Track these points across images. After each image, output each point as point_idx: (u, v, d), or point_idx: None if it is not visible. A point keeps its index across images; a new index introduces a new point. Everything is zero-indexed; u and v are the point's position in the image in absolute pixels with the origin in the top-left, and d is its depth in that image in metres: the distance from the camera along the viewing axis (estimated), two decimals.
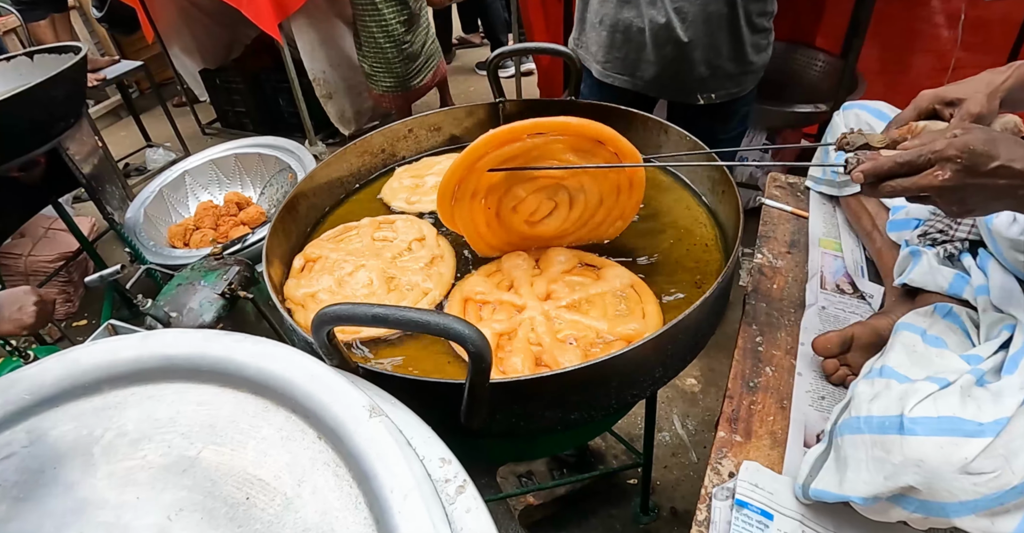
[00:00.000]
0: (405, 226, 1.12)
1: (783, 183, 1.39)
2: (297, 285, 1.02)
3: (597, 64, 1.70)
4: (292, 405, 0.64)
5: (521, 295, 0.93)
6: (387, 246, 1.09)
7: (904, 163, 0.70)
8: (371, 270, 1.03)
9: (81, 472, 0.63)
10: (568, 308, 0.91)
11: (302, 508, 0.57)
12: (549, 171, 0.94)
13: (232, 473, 0.61)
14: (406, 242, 1.09)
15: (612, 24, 1.60)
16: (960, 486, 0.64)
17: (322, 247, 1.09)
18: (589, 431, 1.22)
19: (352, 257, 1.06)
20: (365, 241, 1.10)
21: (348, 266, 1.04)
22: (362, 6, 2.92)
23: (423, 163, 1.31)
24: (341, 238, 1.13)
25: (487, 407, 0.68)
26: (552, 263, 0.98)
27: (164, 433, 0.65)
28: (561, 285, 0.95)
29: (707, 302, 0.80)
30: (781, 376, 0.95)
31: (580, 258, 1.00)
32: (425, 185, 1.23)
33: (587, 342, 0.86)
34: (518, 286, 0.95)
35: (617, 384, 0.77)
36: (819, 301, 1.08)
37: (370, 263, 1.04)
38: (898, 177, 0.71)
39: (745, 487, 0.78)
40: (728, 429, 0.87)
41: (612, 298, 0.92)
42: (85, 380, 0.68)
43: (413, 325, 0.59)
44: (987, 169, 0.67)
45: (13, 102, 1.76)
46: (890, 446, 0.66)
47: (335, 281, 1.02)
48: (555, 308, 0.91)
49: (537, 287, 0.94)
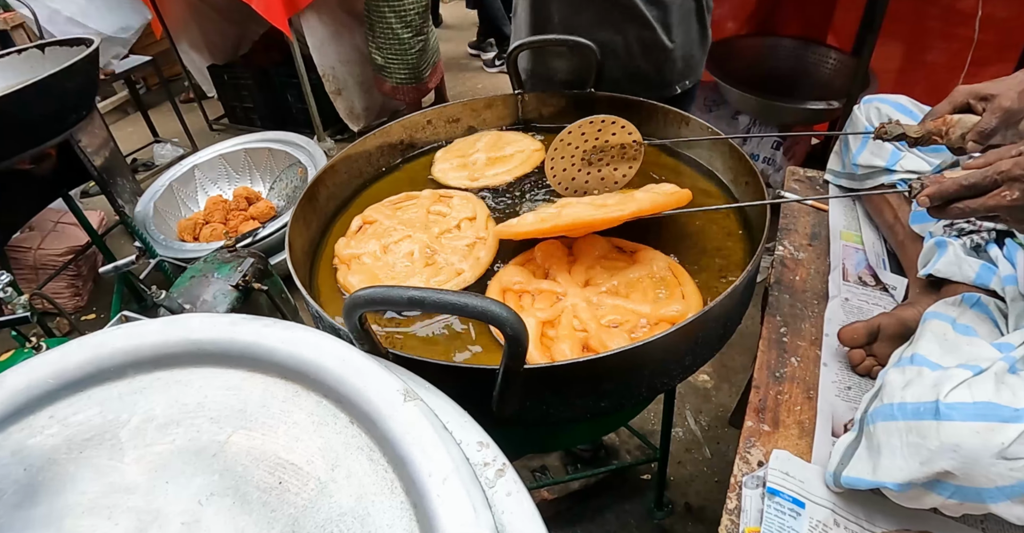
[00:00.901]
0: (460, 204, 1.14)
1: (802, 177, 1.39)
2: (346, 244, 1.07)
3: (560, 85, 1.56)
4: (323, 390, 0.63)
5: (560, 283, 0.93)
6: (438, 221, 1.11)
7: (970, 185, 0.70)
8: (416, 242, 1.06)
9: (108, 457, 0.62)
10: (609, 293, 0.91)
11: (336, 492, 0.57)
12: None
13: (264, 458, 0.60)
14: (456, 220, 1.10)
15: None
16: (997, 471, 0.63)
17: (380, 211, 1.13)
18: (611, 423, 1.21)
19: (403, 226, 1.09)
20: (420, 212, 1.13)
21: (396, 234, 1.08)
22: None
23: (458, 146, 1.32)
24: (399, 206, 1.16)
25: (520, 394, 0.68)
26: (586, 249, 0.98)
27: (193, 418, 0.64)
28: (599, 271, 0.95)
29: (736, 290, 0.79)
30: (807, 366, 0.94)
31: (612, 243, 1.00)
32: (477, 163, 1.25)
33: (632, 326, 0.86)
34: (555, 274, 0.95)
35: (650, 371, 0.76)
36: (842, 292, 1.07)
37: (416, 235, 1.07)
38: (965, 199, 0.71)
39: (776, 475, 0.77)
40: (756, 418, 0.86)
41: (651, 281, 0.92)
42: (110, 364, 0.67)
43: (450, 308, 0.59)
44: None
45: (26, 93, 1.76)
46: (926, 432, 0.65)
47: (380, 247, 1.06)
48: (596, 294, 0.91)
49: (576, 274, 0.94)
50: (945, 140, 0.88)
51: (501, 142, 1.29)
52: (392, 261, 1.03)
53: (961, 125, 0.86)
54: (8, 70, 2.26)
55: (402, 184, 1.24)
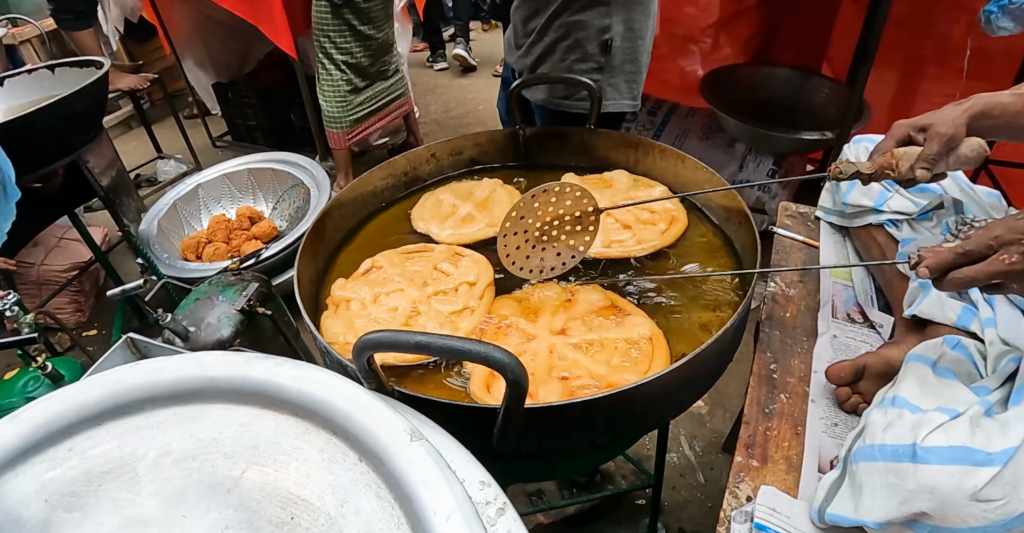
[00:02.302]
0: (467, 266, 1.12)
1: (794, 212, 1.43)
2: (342, 286, 1.08)
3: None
4: (333, 428, 0.66)
5: (537, 325, 0.97)
6: (440, 279, 1.10)
7: (966, 253, 0.72)
8: (405, 298, 1.06)
9: (126, 489, 0.65)
10: (575, 347, 0.94)
11: (346, 528, 0.59)
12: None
13: (276, 493, 0.63)
14: (456, 282, 1.08)
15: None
16: (971, 513, 0.66)
17: (389, 259, 1.14)
18: (607, 454, 1.24)
19: (401, 279, 1.10)
20: (427, 267, 1.12)
21: (391, 286, 1.09)
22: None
23: (452, 189, 1.34)
24: (411, 256, 1.16)
25: (519, 431, 0.71)
26: (582, 299, 1.01)
27: (208, 453, 0.67)
28: (580, 323, 0.97)
29: (727, 333, 0.83)
30: (795, 403, 0.98)
31: (612, 300, 1.02)
32: (460, 214, 1.26)
33: (581, 384, 0.88)
34: (540, 315, 0.98)
35: (642, 410, 0.80)
36: (831, 330, 1.11)
37: (409, 291, 1.07)
38: (963, 266, 0.72)
39: (763, 511, 0.81)
40: (745, 454, 0.90)
41: (625, 345, 0.93)
42: (128, 399, 0.70)
43: (455, 352, 0.62)
44: None
45: (39, 115, 1.80)
46: (904, 474, 0.69)
47: (372, 296, 1.07)
48: (564, 344, 0.94)
49: (556, 321, 0.97)
50: (896, 173, 0.93)
51: (463, 192, 1.31)
52: (375, 314, 1.03)
53: (907, 157, 0.91)
54: (18, 89, 2.30)
55: (402, 219, 1.28)
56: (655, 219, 1.16)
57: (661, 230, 1.14)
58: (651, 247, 1.13)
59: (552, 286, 1.04)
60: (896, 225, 1.19)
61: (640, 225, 1.17)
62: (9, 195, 1.25)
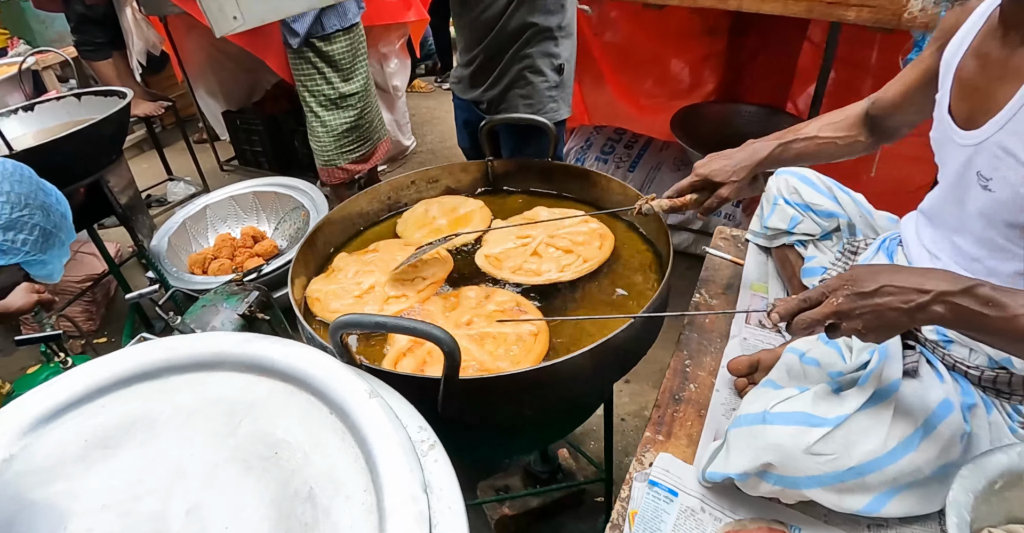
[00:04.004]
0: (430, 264, 1.35)
1: (727, 235, 1.63)
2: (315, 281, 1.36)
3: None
4: (311, 390, 0.85)
5: (448, 317, 1.18)
6: (405, 271, 1.33)
7: (805, 299, 0.86)
8: (369, 279, 1.32)
9: (147, 435, 0.84)
10: (472, 338, 1.13)
11: (317, 461, 0.78)
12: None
13: (264, 438, 0.82)
14: (426, 281, 1.31)
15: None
16: (806, 465, 0.85)
17: (344, 260, 1.37)
18: (550, 434, 1.42)
19: (371, 266, 1.34)
20: (383, 258, 1.37)
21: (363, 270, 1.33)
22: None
23: (439, 202, 1.58)
24: (366, 253, 1.41)
25: (459, 398, 0.90)
26: (492, 301, 1.22)
27: (213, 409, 0.86)
28: (485, 318, 1.17)
29: (635, 324, 1.02)
30: (703, 392, 1.17)
31: (518, 302, 1.22)
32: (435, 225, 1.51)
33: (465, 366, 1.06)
34: (457, 309, 1.20)
35: (561, 387, 0.99)
36: (742, 333, 1.31)
37: (377, 276, 1.32)
38: (805, 311, 0.86)
39: (658, 472, 0.99)
40: (654, 430, 1.09)
41: (514, 337, 1.12)
42: (151, 368, 0.90)
43: (404, 330, 0.82)
44: (871, 289, 0.81)
45: (69, 139, 2.02)
46: (757, 434, 0.88)
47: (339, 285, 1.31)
48: (462, 334, 1.13)
49: (465, 314, 1.18)
50: (684, 213, 1.19)
51: (449, 206, 1.54)
52: (348, 284, 1.28)
53: (694, 202, 1.21)
54: (48, 114, 2.53)
55: (385, 235, 1.49)
56: (589, 240, 1.36)
57: (598, 247, 1.34)
58: (596, 263, 1.33)
59: (475, 288, 1.24)
60: (804, 244, 1.39)
61: (580, 247, 1.36)
62: (68, 235, 1.43)
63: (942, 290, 0.79)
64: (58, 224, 1.36)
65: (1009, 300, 0.77)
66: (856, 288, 0.82)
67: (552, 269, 1.30)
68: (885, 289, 0.80)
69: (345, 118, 3.01)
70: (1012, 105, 0.87)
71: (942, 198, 1.06)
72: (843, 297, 0.82)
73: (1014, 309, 0.77)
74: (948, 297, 0.79)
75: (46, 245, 1.32)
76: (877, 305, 0.81)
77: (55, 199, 1.38)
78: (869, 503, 0.91)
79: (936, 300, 0.79)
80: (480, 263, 1.34)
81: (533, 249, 1.37)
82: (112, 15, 3.43)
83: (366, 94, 3.06)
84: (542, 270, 1.30)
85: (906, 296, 0.80)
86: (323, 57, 2.82)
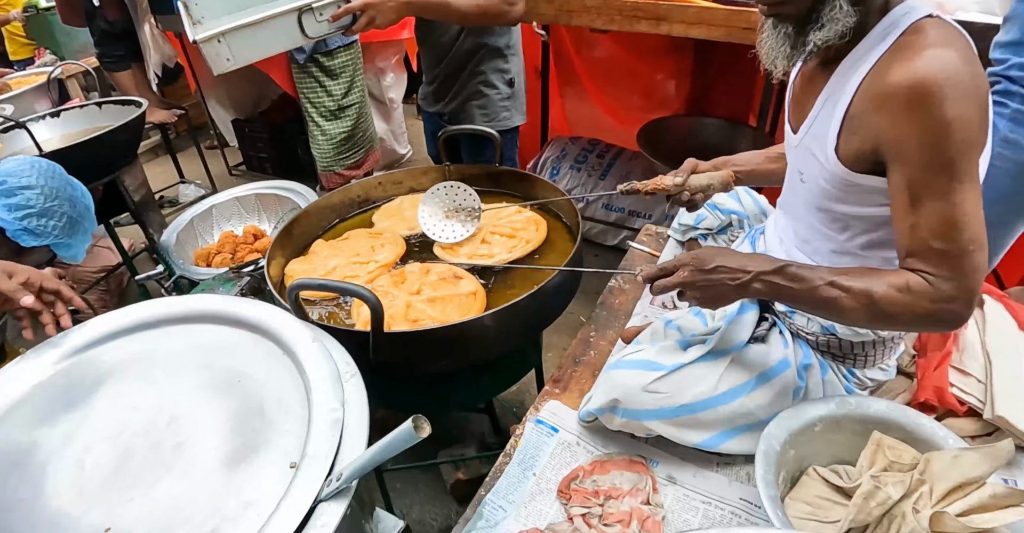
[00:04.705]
0: (389, 249, 1.62)
1: (652, 232, 1.89)
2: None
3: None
4: (271, 337, 1.12)
5: (400, 289, 1.44)
6: (362, 255, 1.59)
7: (662, 268, 1.08)
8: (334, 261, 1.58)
9: (145, 367, 1.11)
10: (424, 301, 1.39)
11: (270, 387, 1.04)
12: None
13: (233, 370, 1.08)
14: (378, 264, 1.57)
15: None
16: (644, 399, 1.10)
17: (320, 246, 1.65)
18: (481, 389, 1.62)
19: (339, 252, 1.61)
20: (364, 248, 1.62)
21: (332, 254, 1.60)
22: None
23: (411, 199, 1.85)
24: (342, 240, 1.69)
25: (387, 348, 1.16)
26: (433, 272, 1.47)
27: (196, 350, 1.13)
28: (431, 286, 1.43)
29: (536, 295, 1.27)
30: (600, 357, 1.42)
31: (453, 272, 1.48)
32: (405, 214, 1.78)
33: (422, 324, 1.32)
34: (406, 281, 1.46)
35: (471, 343, 1.24)
36: (644, 311, 1.56)
37: (334, 260, 1.58)
38: (661, 278, 1.08)
39: (546, 413, 1.25)
40: (552, 385, 1.34)
41: (456, 300, 1.38)
42: (150, 320, 1.17)
43: (339, 289, 1.09)
44: (709, 267, 1.03)
45: (90, 143, 2.32)
46: (610, 377, 1.13)
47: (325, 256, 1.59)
48: (416, 300, 1.39)
49: (413, 284, 1.44)
50: (663, 191, 1.37)
51: (416, 201, 1.80)
52: (320, 263, 1.57)
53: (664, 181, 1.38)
54: (72, 120, 2.83)
55: (357, 226, 1.75)
56: (526, 226, 1.62)
57: (535, 230, 1.59)
58: (537, 242, 1.58)
59: (416, 264, 1.51)
60: (705, 237, 1.65)
61: (520, 232, 1.62)
62: (90, 223, 1.71)
63: (760, 270, 1.04)
64: (83, 214, 1.64)
65: (810, 274, 1.02)
66: (698, 265, 1.05)
67: (502, 251, 1.56)
68: (719, 268, 1.04)
69: (343, 127, 3.31)
70: (811, 114, 1.11)
71: (786, 192, 1.30)
72: (688, 271, 1.06)
73: (813, 281, 1.01)
74: (763, 276, 1.03)
75: (72, 231, 1.60)
76: (712, 280, 1.05)
77: (80, 193, 1.66)
78: (708, 439, 1.16)
79: (755, 278, 1.04)
80: (438, 253, 1.59)
81: (482, 238, 1.62)
82: (131, 30, 3.74)
83: (362, 105, 3.35)
84: (494, 253, 1.55)
85: (733, 274, 1.05)
86: (325, 71, 3.13)
